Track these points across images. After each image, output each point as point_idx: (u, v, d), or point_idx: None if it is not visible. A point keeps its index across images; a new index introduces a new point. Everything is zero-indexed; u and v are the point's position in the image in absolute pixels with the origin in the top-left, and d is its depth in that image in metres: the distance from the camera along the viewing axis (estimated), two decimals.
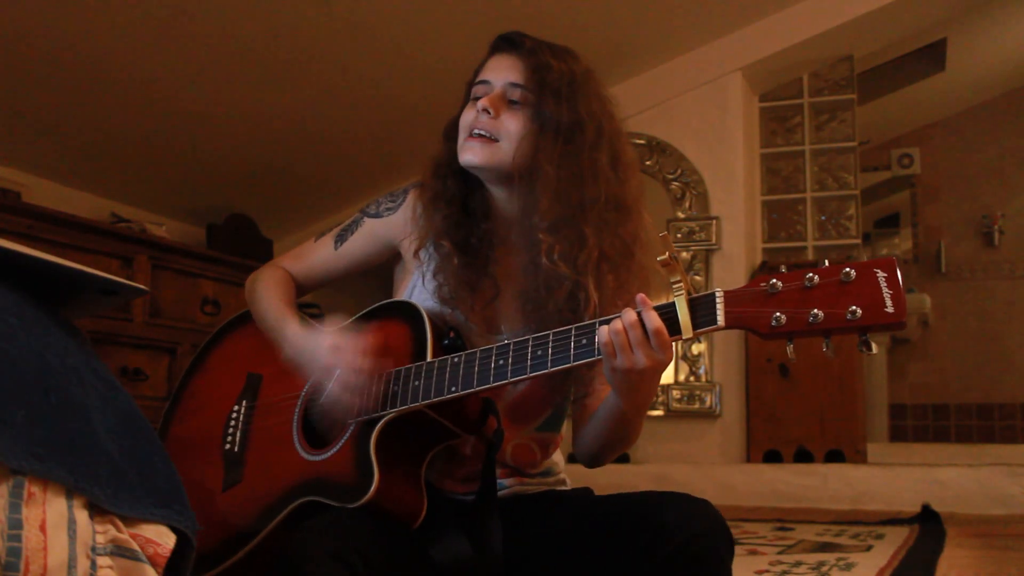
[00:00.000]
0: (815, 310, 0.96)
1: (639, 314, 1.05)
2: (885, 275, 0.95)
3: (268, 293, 1.37)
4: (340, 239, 1.40)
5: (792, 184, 4.26)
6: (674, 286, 1.04)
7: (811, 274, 0.98)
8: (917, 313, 5.52)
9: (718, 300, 1.02)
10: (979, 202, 5.81)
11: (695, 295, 1.04)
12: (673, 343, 1.06)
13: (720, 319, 1.01)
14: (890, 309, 0.94)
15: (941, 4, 4.12)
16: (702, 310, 1.03)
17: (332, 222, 1.46)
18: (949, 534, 2.70)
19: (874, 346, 0.96)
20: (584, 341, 1.08)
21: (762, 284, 1.01)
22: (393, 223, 1.35)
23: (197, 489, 1.20)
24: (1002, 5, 4.45)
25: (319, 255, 1.42)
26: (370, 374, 1.17)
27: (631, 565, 1.06)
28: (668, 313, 1.05)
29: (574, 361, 1.08)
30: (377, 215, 1.37)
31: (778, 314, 0.98)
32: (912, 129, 5.93)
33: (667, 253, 1.02)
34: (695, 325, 1.03)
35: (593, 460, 1.29)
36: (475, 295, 1.26)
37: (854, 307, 0.95)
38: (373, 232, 1.37)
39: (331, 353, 1.18)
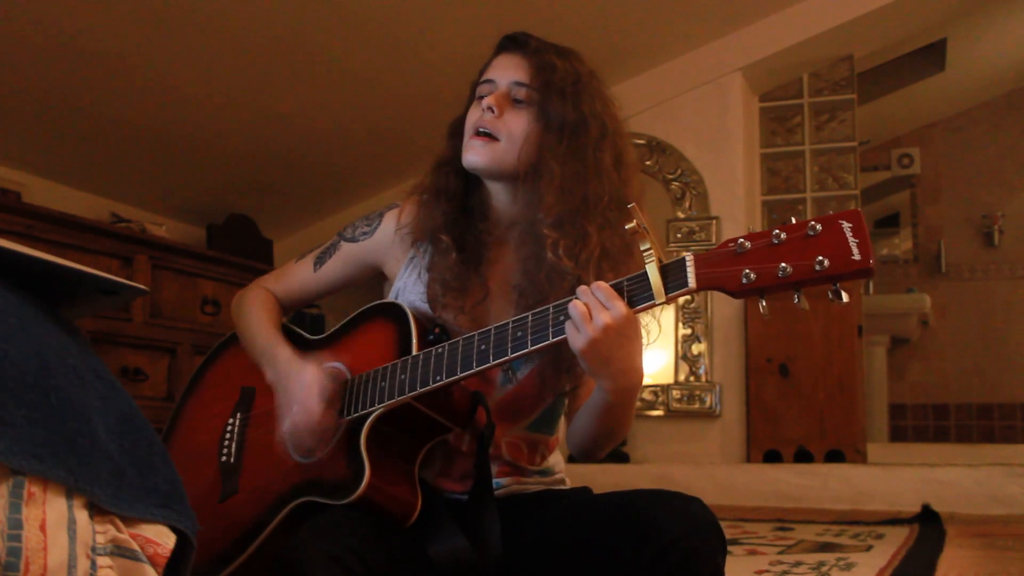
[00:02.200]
0: (784, 263, 0.97)
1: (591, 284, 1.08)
2: (851, 225, 0.96)
3: (256, 315, 1.39)
4: (319, 261, 1.42)
5: (792, 184, 4.26)
6: (645, 253, 1.05)
7: (778, 231, 1.00)
8: (917, 313, 5.52)
9: (688, 263, 1.03)
10: (979, 202, 5.80)
11: (666, 262, 1.06)
12: (648, 311, 1.07)
13: (691, 281, 1.02)
14: (856, 257, 0.94)
15: (941, 4, 4.12)
16: (673, 274, 1.04)
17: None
18: (949, 534, 2.70)
19: (844, 295, 0.97)
20: (562, 318, 1.08)
21: (731, 245, 1.02)
22: (371, 246, 1.37)
23: (196, 502, 1.20)
24: (1002, 5, 4.45)
25: (299, 276, 1.44)
26: (318, 428, 1.19)
27: (624, 563, 1.06)
28: (640, 281, 1.06)
29: (553, 338, 1.09)
30: (354, 239, 1.39)
31: (747, 271, 0.99)
32: (912, 129, 5.92)
33: (635, 221, 1.03)
34: (668, 289, 1.04)
35: (585, 454, 1.29)
36: (464, 296, 1.26)
37: (821, 257, 0.95)
38: (351, 255, 1.39)
39: (299, 402, 1.21)
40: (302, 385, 1.21)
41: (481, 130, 1.24)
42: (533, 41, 1.28)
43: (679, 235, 4.12)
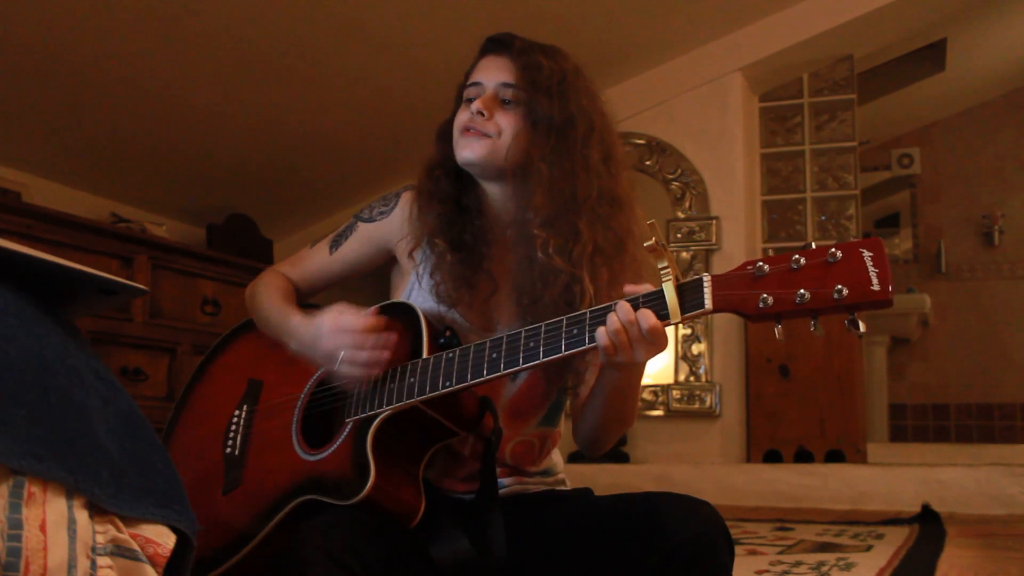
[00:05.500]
0: (802, 290, 0.97)
1: (636, 314, 1.05)
2: (871, 254, 0.95)
3: (269, 295, 1.39)
4: (335, 244, 1.41)
5: (792, 184, 4.25)
6: (662, 271, 1.05)
7: (797, 256, 0.99)
8: (917, 313, 5.52)
9: (706, 284, 1.03)
10: (979, 202, 5.80)
11: (683, 280, 1.05)
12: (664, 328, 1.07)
13: (708, 303, 1.02)
14: (876, 287, 0.94)
15: (941, 4, 4.12)
16: (690, 294, 1.04)
17: (332, 222, 1.47)
18: (949, 534, 2.70)
19: (862, 325, 0.96)
20: (575, 331, 1.08)
21: (749, 267, 1.01)
22: (386, 227, 1.37)
23: (199, 493, 1.20)
24: (1002, 5, 4.45)
25: (315, 261, 1.44)
26: (373, 348, 1.18)
27: (630, 566, 1.06)
28: (656, 299, 1.05)
29: (565, 351, 1.09)
30: (371, 219, 1.38)
31: (765, 295, 0.99)
32: (912, 129, 5.92)
33: (654, 239, 1.03)
34: (683, 310, 1.03)
35: (593, 444, 1.30)
36: (472, 292, 1.26)
37: (840, 286, 0.95)
38: (368, 236, 1.38)
39: (333, 336, 1.19)
40: (324, 319, 1.20)
41: (472, 129, 1.25)
42: (517, 41, 1.28)
43: (679, 235, 4.12)
